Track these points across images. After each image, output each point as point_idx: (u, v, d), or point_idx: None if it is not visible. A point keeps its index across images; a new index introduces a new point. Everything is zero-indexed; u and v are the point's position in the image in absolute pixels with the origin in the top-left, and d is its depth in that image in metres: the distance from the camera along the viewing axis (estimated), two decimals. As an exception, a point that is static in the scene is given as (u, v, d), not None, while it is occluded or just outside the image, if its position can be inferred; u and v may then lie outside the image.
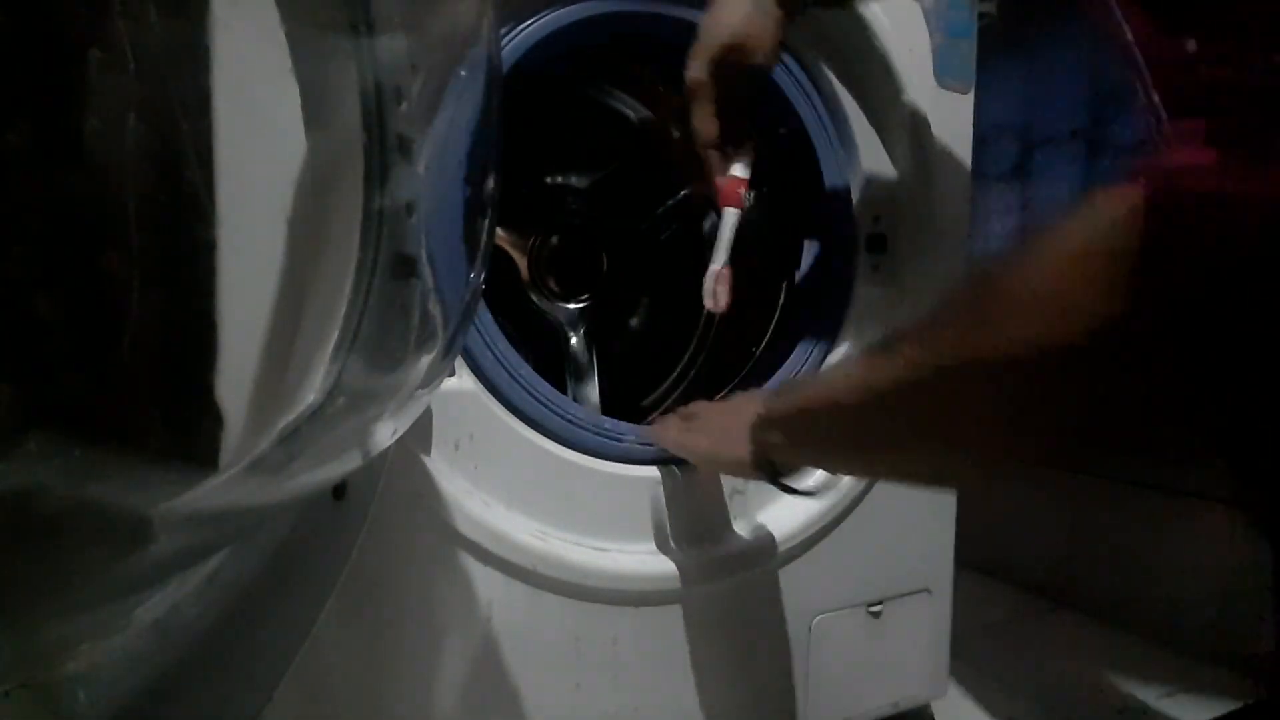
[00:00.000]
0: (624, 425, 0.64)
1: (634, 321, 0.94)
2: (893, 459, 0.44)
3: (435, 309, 0.38)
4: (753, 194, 0.85)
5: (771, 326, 0.80)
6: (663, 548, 0.63)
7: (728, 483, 0.67)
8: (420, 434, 0.54)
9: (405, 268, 0.35)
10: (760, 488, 0.68)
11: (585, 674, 0.60)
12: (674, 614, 0.63)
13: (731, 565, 0.65)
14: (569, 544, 0.60)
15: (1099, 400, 0.33)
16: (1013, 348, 0.32)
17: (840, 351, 0.73)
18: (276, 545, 0.42)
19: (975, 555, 1.25)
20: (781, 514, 0.69)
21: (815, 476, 0.58)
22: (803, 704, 0.71)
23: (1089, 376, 0.32)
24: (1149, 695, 0.92)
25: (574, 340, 0.84)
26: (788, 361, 0.72)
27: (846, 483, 0.71)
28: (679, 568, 0.62)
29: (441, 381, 0.49)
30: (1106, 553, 1.15)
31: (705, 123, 0.60)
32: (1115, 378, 0.32)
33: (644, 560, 0.62)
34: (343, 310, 0.31)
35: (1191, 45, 0.34)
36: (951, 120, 0.76)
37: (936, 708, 0.83)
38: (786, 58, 0.70)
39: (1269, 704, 0.68)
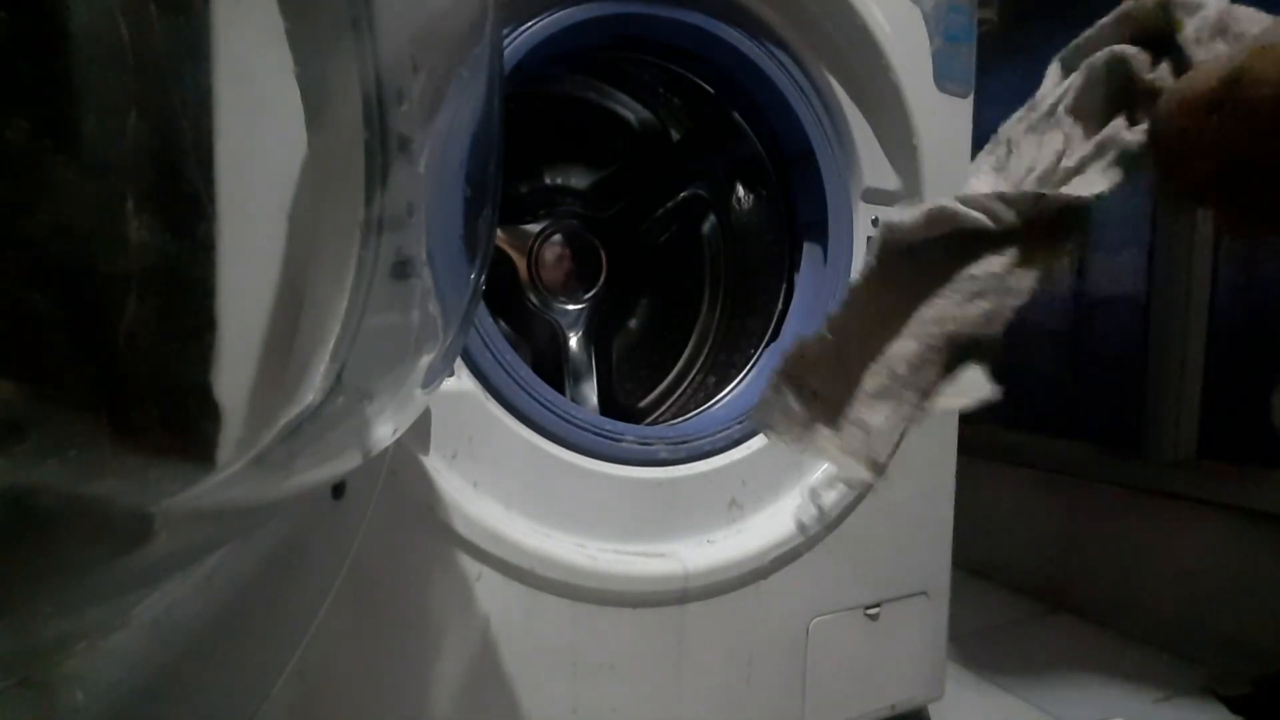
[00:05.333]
0: (622, 426, 0.64)
1: (633, 322, 0.94)
2: None
3: (435, 309, 0.38)
4: (751, 197, 0.86)
5: (771, 327, 0.80)
6: None
7: (725, 489, 0.67)
8: (419, 434, 0.54)
9: (405, 268, 0.35)
10: (759, 490, 0.69)
11: (582, 675, 0.60)
12: (672, 615, 0.63)
13: (729, 567, 0.65)
14: (567, 545, 0.60)
15: None
16: None
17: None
18: (274, 545, 0.42)
19: (972, 558, 1.25)
20: (779, 516, 0.69)
21: None
22: (800, 706, 0.71)
23: None
24: (1144, 699, 0.92)
25: (573, 341, 0.84)
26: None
27: (843, 485, 0.71)
28: (677, 569, 0.63)
29: (441, 382, 0.49)
30: (1103, 556, 1.15)
31: None
32: None
33: (642, 562, 0.62)
34: (343, 309, 0.31)
35: None
36: (951, 124, 0.76)
37: (933, 710, 0.83)
38: (787, 60, 0.70)
39: None
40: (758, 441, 0.69)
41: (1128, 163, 0.41)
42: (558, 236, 0.84)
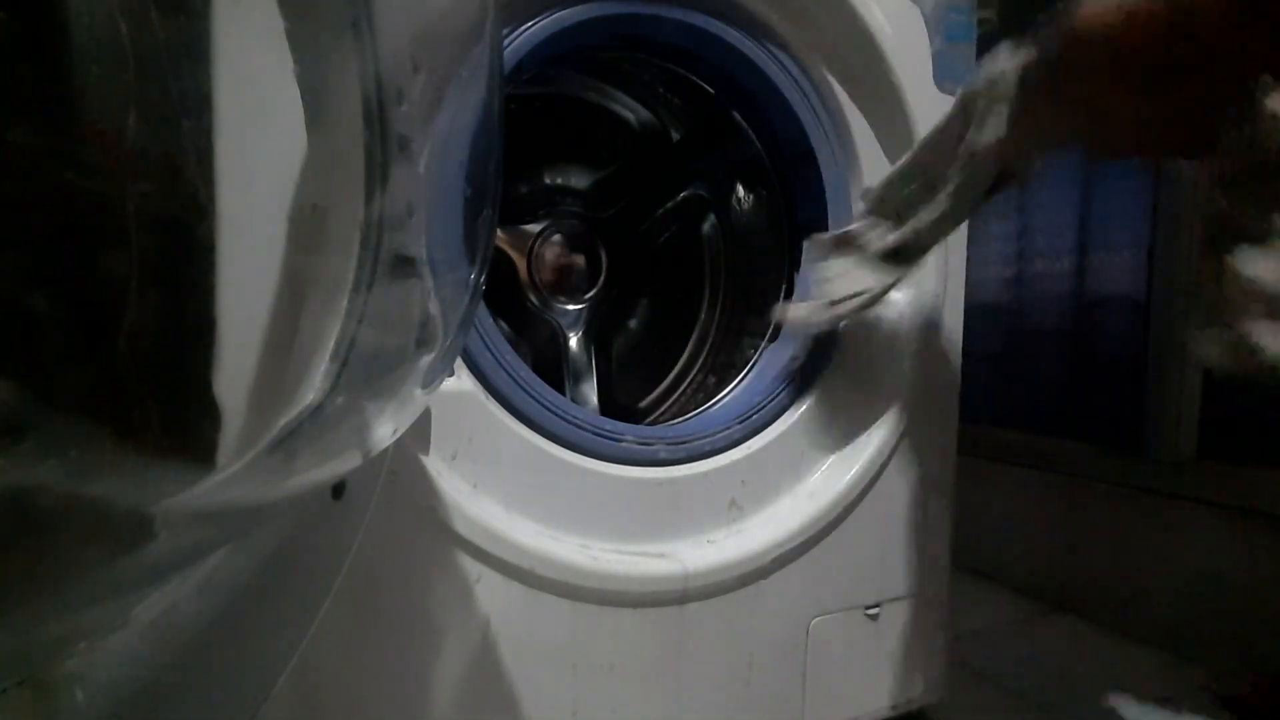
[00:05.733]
0: (622, 426, 0.64)
1: (633, 322, 0.94)
2: None
3: (435, 309, 0.38)
4: (751, 197, 0.86)
5: (771, 327, 0.80)
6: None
7: (724, 490, 0.67)
8: (419, 434, 0.54)
9: (405, 268, 0.35)
10: (759, 490, 0.69)
11: (582, 675, 0.60)
12: (672, 616, 0.63)
13: (729, 567, 0.65)
14: (567, 545, 0.60)
15: None
16: None
17: (840, 354, 0.73)
18: (275, 545, 0.42)
19: (972, 558, 1.25)
20: (779, 516, 0.69)
21: None
22: (800, 706, 0.71)
23: None
24: (1144, 699, 0.92)
25: (573, 341, 0.84)
26: (786, 363, 0.72)
27: (842, 486, 0.71)
28: (677, 570, 0.63)
29: (441, 382, 0.49)
30: (1103, 557, 1.15)
31: None
32: None
33: (642, 562, 0.62)
34: (343, 310, 0.31)
35: None
36: (951, 124, 0.76)
37: (933, 710, 0.83)
38: (787, 60, 0.70)
39: None
40: (758, 442, 0.69)
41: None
42: (558, 236, 0.84)
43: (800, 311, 0.67)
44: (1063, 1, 0.43)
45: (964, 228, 0.79)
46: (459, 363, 0.56)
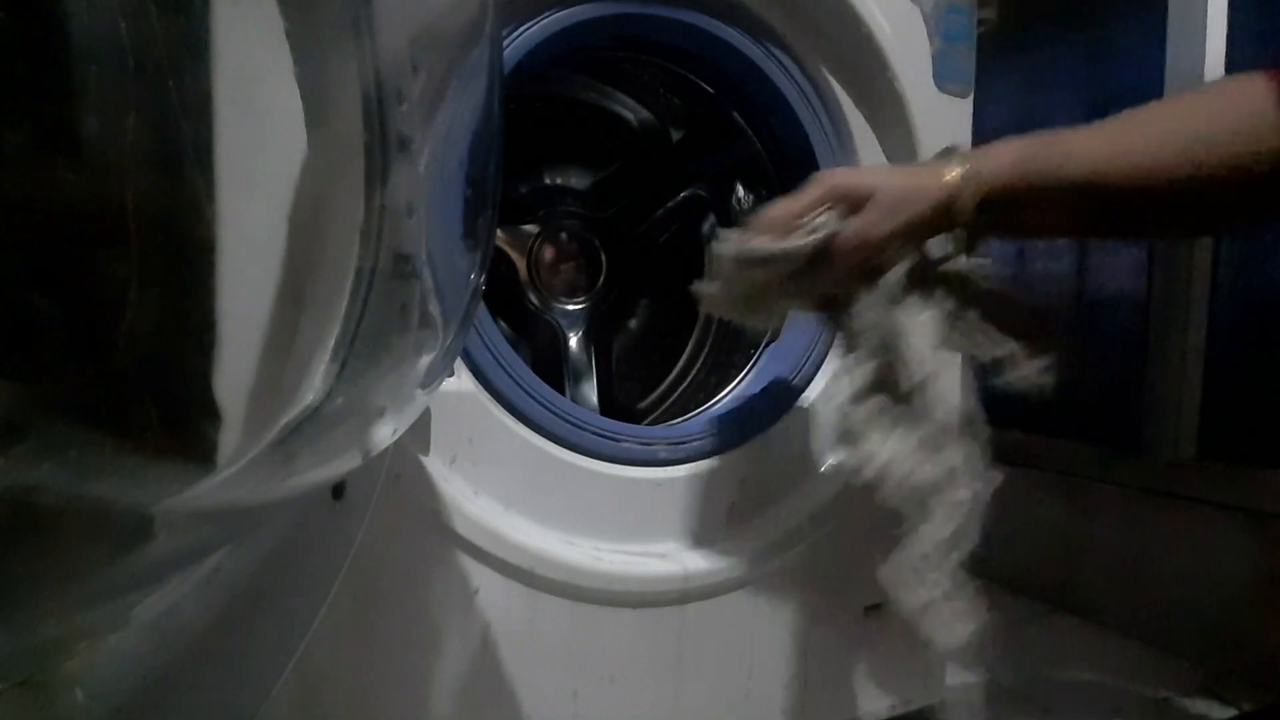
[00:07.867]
0: (622, 426, 0.64)
1: (633, 322, 0.94)
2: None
3: (435, 309, 0.38)
4: (751, 197, 0.86)
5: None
6: None
7: (724, 489, 0.67)
8: (419, 435, 0.54)
9: (405, 268, 0.35)
10: (759, 490, 0.69)
11: (582, 675, 0.60)
12: (672, 616, 0.63)
13: (729, 568, 0.65)
14: (567, 545, 0.60)
15: None
16: None
17: (838, 353, 0.73)
18: (275, 545, 0.42)
19: (972, 558, 1.25)
20: (779, 516, 0.69)
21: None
22: (799, 706, 0.71)
23: None
24: (1144, 699, 0.92)
25: (573, 341, 0.84)
26: (786, 362, 0.72)
27: (842, 485, 0.71)
28: (677, 570, 0.63)
29: (441, 382, 0.49)
30: (1104, 557, 1.15)
31: None
32: None
33: (642, 562, 0.62)
34: (342, 310, 0.31)
35: None
36: (951, 124, 0.76)
37: (932, 711, 0.83)
38: (787, 61, 0.70)
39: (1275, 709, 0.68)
40: (758, 441, 0.69)
41: None
42: (558, 236, 0.84)
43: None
44: None
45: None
46: (459, 363, 0.56)
